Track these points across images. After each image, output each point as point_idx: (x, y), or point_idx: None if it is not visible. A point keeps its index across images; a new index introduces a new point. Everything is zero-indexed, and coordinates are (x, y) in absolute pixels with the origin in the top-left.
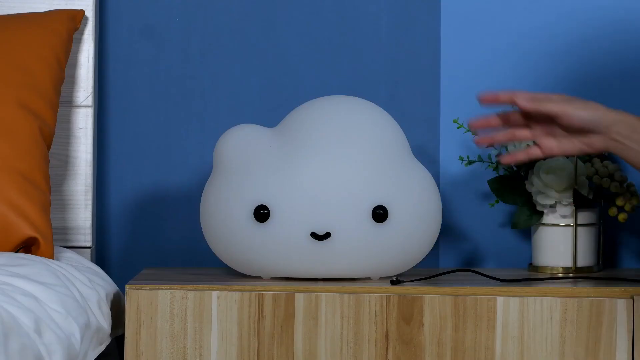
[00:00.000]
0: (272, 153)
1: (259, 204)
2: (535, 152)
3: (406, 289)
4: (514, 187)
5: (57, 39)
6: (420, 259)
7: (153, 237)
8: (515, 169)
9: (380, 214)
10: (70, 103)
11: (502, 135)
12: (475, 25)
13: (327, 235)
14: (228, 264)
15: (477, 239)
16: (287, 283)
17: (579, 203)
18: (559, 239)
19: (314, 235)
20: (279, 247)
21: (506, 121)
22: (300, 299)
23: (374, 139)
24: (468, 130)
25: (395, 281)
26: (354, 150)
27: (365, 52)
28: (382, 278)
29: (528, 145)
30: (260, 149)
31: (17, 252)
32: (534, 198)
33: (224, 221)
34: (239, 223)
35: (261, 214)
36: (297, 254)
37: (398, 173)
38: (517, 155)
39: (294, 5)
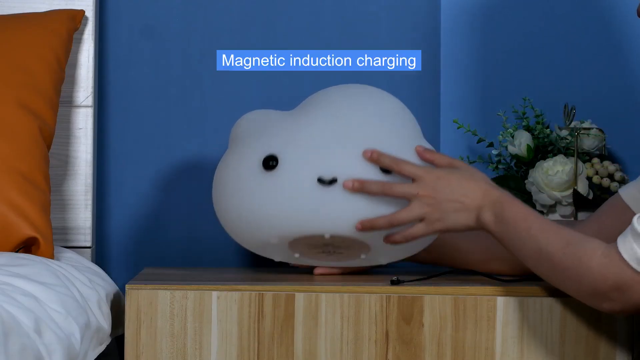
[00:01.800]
0: (284, 119)
1: (268, 155)
2: (420, 230)
3: (406, 289)
4: (514, 187)
5: (57, 39)
6: (428, 241)
7: (153, 237)
8: (515, 169)
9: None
10: (70, 103)
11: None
12: (475, 25)
13: (334, 180)
14: (238, 235)
15: None
16: (287, 283)
17: (579, 203)
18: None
19: (320, 181)
20: (286, 194)
21: None
22: (300, 299)
23: (387, 113)
24: (468, 130)
25: (396, 281)
26: (366, 115)
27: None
28: (383, 278)
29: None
30: (274, 119)
31: (17, 252)
32: (534, 198)
33: (234, 173)
34: (249, 174)
35: (270, 164)
36: (304, 203)
37: (406, 138)
38: (396, 237)
39: (294, 5)
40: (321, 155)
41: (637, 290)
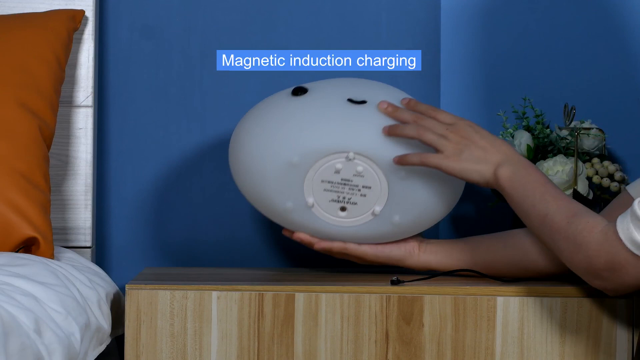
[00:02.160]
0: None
1: (297, 86)
2: (433, 160)
3: (406, 289)
4: None
5: (57, 39)
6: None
7: (153, 237)
8: None
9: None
10: (70, 103)
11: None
12: (476, 25)
13: (363, 102)
14: (259, 148)
15: None
16: (287, 283)
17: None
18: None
19: (350, 100)
20: (316, 110)
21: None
22: (300, 299)
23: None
24: None
25: (396, 281)
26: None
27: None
28: (383, 278)
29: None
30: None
31: (17, 252)
32: None
33: (261, 105)
34: (277, 100)
35: (299, 93)
36: (333, 117)
37: None
38: (410, 158)
39: (294, 5)
40: (351, 85)
41: (629, 271)
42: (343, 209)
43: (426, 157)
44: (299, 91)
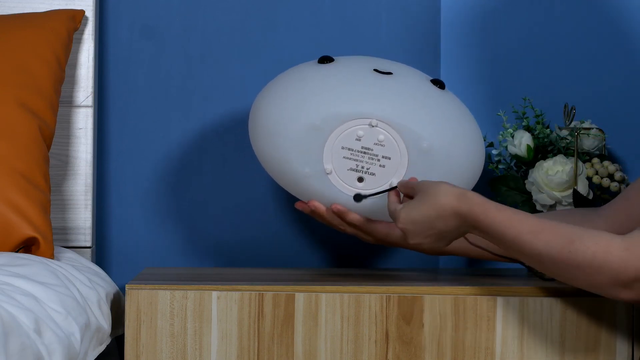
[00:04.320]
0: None
1: (323, 55)
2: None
3: (406, 289)
4: (514, 187)
5: (57, 39)
6: (471, 131)
7: (153, 237)
8: (515, 169)
9: (438, 82)
10: (70, 103)
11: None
12: (475, 25)
13: (389, 73)
14: (281, 112)
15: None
16: (287, 283)
17: (579, 203)
18: None
19: (376, 71)
20: (342, 77)
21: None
22: (300, 299)
23: None
24: None
25: (358, 197)
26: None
27: (365, 52)
28: (383, 278)
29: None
30: None
31: (17, 252)
32: (534, 198)
33: (289, 71)
34: (303, 67)
35: (325, 61)
36: (359, 85)
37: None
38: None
39: (294, 5)
40: (377, 59)
41: None
42: (360, 179)
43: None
44: (325, 59)
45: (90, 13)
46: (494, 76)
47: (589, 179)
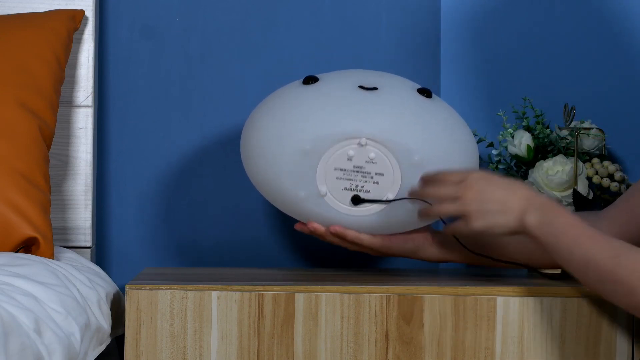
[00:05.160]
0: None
1: (308, 75)
2: (460, 227)
3: (406, 289)
4: None
5: (57, 39)
6: (462, 141)
7: (153, 237)
8: (515, 169)
9: (425, 90)
10: (70, 103)
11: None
12: (475, 25)
13: (375, 88)
14: (270, 135)
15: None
16: (287, 283)
17: (579, 203)
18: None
19: (362, 87)
20: (327, 100)
21: None
22: (300, 299)
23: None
24: None
25: (355, 199)
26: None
27: (365, 52)
28: (383, 278)
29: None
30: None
31: (17, 252)
32: None
33: (274, 95)
34: (289, 89)
35: (310, 82)
36: (345, 104)
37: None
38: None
39: (294, 5)
40: (362, 74)
41: None
42: (357, 191)
43: (453, 228)
44: (310, 80)
45: (90, 13)
46: (494, 76)
47: (589, 179)
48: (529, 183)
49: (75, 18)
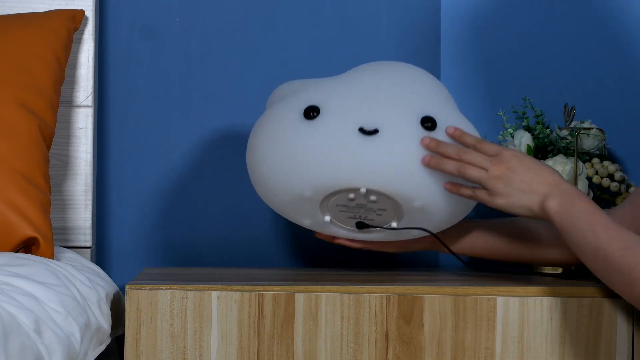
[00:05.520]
0: (325, 80)
1: (309, 105)
2: (481, 196)
3: (406, 289)
4: None
5: (57, 39)
6: (469, 207)
7: (153, 237)
8: None
9: (428, 126)
10: (70, 103)
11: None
12: (475, 25)
13: (375, 131)
14: (272, 176)
15: None
16: (287, 283)
17: None
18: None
19: (362, 130)
20: (327, 144)
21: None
22: (300, 299)
23: (429, 83)
24: None
25: (360, 224)
26: (409, 78)
27: (365, 52)
28: (383, 278)
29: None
30: (315, 81)
31: (17, 252)
32: None
33: (274, 123)
34: (288, 123)
35: (311, 115)
36: (344, 153)
37: (447, 105)
38: (463, 191)
39: (294, 5)
40: (364, 105)
41: None
42: (361, 219)
43: (475, 193)
44: (311, 111)
45: (90, 13)
46: (494, 76)
47: (589, 179)
48: None
49: (75, 18)
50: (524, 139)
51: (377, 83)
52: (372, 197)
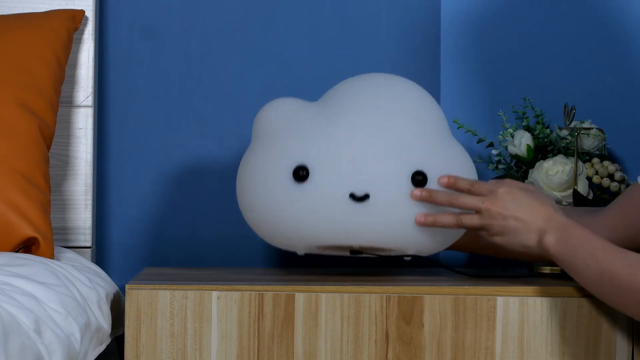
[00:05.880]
0: (313, 119)
1: (298, 165)
2: (471, 222)
3: (406, 289)
4: None
5: (57, 39)
6: (458, 236)
7: (153, 237)
8: (515, 169)
9: (419, 180)
10: (70, 103)
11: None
12: (475, 25)
13: (366, 197)
14: (263, 234)
15: None
16: (287, 283)
17: (579, 203)
18: None
19: (352, 196)
20: (317, 209)
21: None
22: (300, 299)
23: (415, 112)
24: (468, 130)
25: (356, 252)
26: (395, 118)
27: (365, 52)
28: (383, 279)
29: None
30: (301, 116)
31: (17, 252)
32: None
33: (262, 184)
34: (277, 184)
35: (300, 175)
36: (335, 218)
37: (438, 145)
38: (444, 222)
39: (294, 5)
40: (353, 171)
41: None
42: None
43: (462, 221)
44: (300, 171)
45: (90, 13)
46: (494, 76)
47: (589, 179)
48: (529, 183)
49: (75, 18)
50: (524, 139)
51: (365, 139)
52: (364, 254)
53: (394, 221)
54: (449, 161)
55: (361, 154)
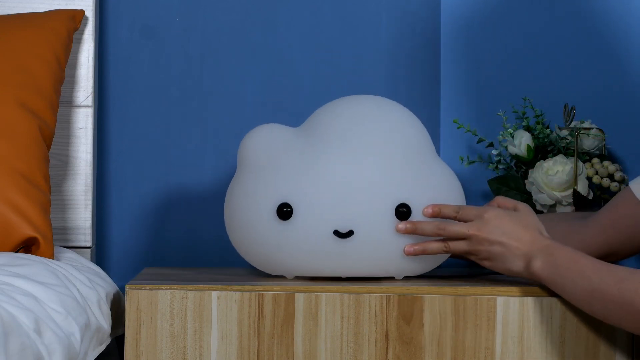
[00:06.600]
0: (296, 152)
1: (282, 202)
2: (460, 247)
3: (406, 289)
4: (514, 187)
5: (57, 39)
6: (445, 259)
7: (153, 237)
8: (515, 169)
9: (403, 212)
10: (70, 103)
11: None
12: (475, 25)
13: (350, 233)
14: (252, 264)
15: None
16: (288, 283)
17: (579, 203)
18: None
19: (337, 233)
20: (302, 246)
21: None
22: (300, 299)
23: (398, 138)
24: (468, 130)
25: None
26: (378, 149)
27: (365, 52)
28: (383, 278)
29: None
30: (285, 148)
31: (17, 252)
32: (533, 198)
33: (248, 219)
34: (262, 221)
35: (284, 212)
36: (320, 253)
37: (422, 172)
38: (428, 247)
39: (294, 5)
40: (336, 208)
41: None
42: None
43: (450, 247)
44: (284, 208)
45: (90, 13)
46: (494, 76)
47: (589, 179)
48: (529, 183)
49: (75, 18)
50: (524, 139)
51: (348, 175)
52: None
53: (379, 253)
54: (434, 187)
55: (344, 190)
